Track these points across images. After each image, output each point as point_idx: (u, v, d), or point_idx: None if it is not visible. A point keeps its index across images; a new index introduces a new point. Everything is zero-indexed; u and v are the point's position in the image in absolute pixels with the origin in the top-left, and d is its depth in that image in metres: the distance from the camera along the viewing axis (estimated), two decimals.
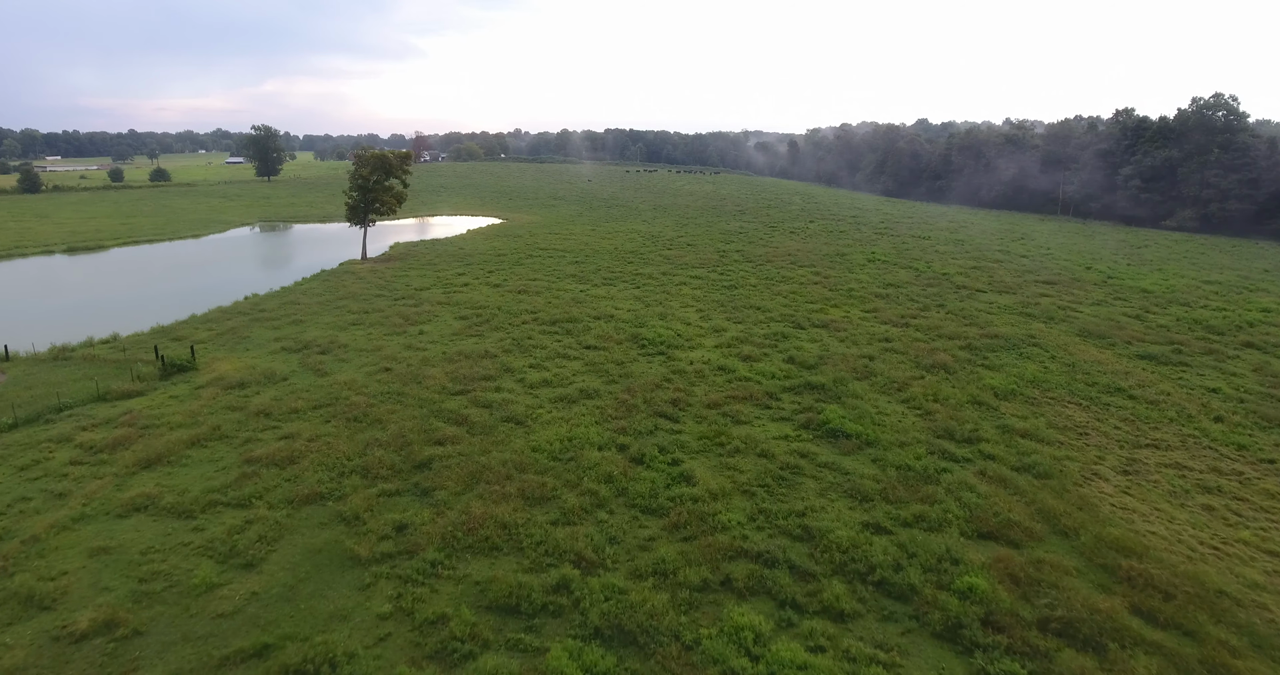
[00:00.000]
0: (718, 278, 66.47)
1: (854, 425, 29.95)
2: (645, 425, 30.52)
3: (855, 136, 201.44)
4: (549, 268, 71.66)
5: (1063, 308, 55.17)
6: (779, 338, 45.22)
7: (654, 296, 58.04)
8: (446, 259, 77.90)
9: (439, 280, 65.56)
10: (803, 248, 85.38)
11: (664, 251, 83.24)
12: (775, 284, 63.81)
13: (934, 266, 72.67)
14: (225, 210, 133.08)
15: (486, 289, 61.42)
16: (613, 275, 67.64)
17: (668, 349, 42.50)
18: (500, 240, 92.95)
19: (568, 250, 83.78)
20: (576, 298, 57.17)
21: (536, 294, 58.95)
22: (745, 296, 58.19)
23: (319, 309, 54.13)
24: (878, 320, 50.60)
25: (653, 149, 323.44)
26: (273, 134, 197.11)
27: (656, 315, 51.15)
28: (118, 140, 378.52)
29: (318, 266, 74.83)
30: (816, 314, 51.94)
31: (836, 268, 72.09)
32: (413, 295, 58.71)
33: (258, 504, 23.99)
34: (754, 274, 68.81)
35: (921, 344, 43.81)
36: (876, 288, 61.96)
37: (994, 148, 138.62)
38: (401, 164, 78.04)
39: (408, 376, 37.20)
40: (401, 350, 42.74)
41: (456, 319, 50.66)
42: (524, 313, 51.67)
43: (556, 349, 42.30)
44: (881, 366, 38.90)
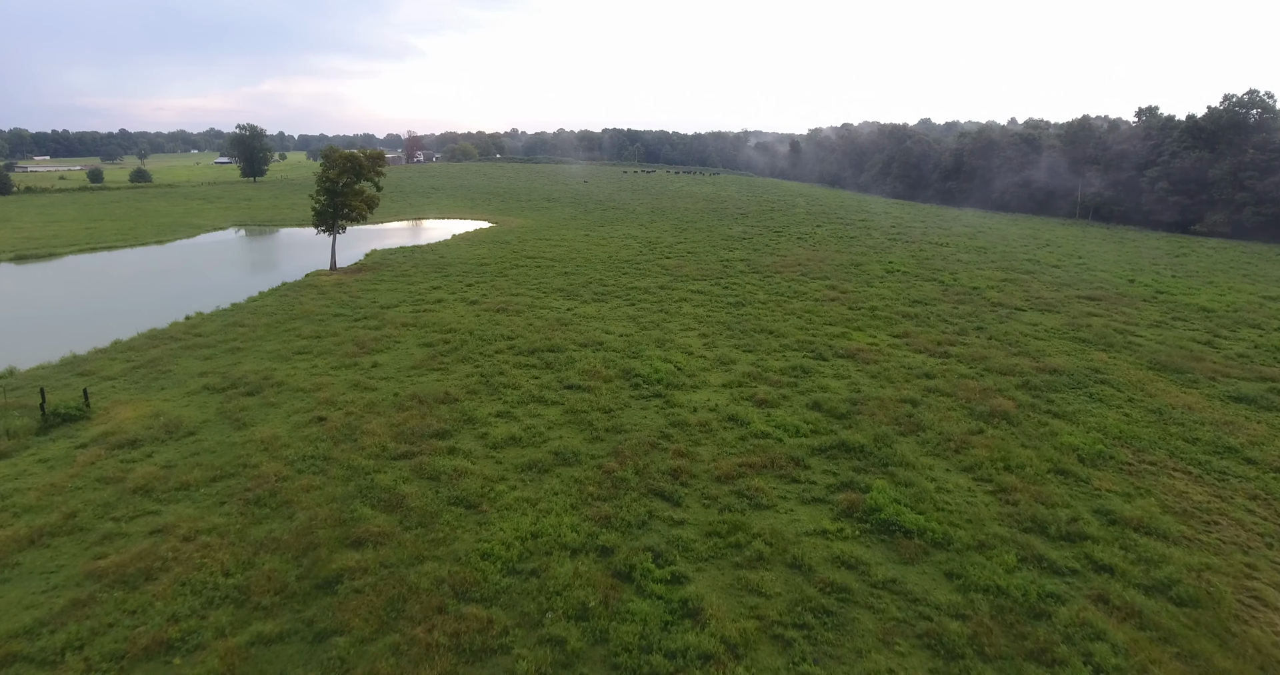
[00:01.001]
0: (722, 292, 58.95)
1: (913, 514, 22.39)
2: (636, 511, 23.00)
3: (860, 136, 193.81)
4: (535, 280, 64.13)
5: (1119, 331, 47.70)
6: (798, 373, 37.68)
7: (650, 316, 50.52)
8: (423, 269, 70.38)
9: (410, 295, 58.01)
10: (813, 256, 77.86)
11: (662, 260, 75.75)
12: (787, 300, 56.28)
13: (960, 279, 65.19)
14: (201, 213, 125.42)
15: (461, 307, 53.87)
16: (605, 289, 60.12)
17: (666, 389, 34.97)
18: (485, 247, 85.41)
19: (557, 259, 76.26)
20: (562, 318, 49.63)
21: (517, 313, 51.42)
22: (754, 316, 50.67)
23: (265, 333, 46.58)
24: (910, 348, 43.08)
25: (651, 149, 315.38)
26: (258, 133, 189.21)
27: (653, 342, 43.63)
28: (108, 140, 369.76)
29: (282, 277, 67.34)
30: (838, 340, 44.42)
31: (853, 280, 64.58)
32: (376, 315, 51.16)
33: (71, 661, 16.47)
34: (762, 288, 61.29)
35: (969, 382, 36.29)
36: (902, 305, 54.43)
37: (1009, 148, 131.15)
38: (374, 165, 70.47)
39: (343, 431, 29.67)
40: (346, 390, 35.21)
41: (420, 346, 43.12)
42: (499, 338, 44.13)
43: (532, 389, 34.74)
44: (929, 416, 31.38)
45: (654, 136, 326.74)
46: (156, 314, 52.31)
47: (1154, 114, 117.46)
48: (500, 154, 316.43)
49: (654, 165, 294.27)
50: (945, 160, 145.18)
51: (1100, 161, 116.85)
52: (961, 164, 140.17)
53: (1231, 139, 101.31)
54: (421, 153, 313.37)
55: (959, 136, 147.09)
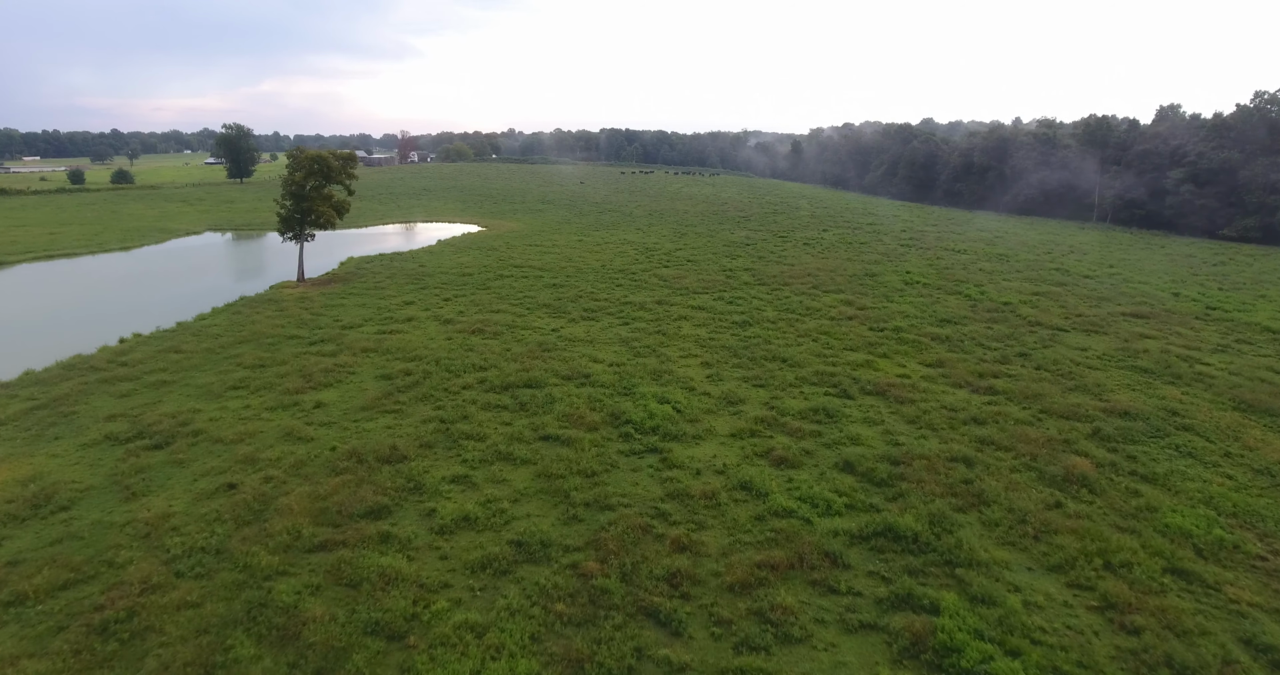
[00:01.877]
0: (726, 309, 52.58)
1: (1005, 662, 15.97)
2: (620, 648, 16.61)
3: (864, 136, 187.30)
4: (519, 294, 57.75)
5: (1182, 357, 41.36)
6: (821, 417, 31.31)
7: (646, 339, 44.15)
8: (400, 280, 64.00)
9: (378, 312, 51.63)
10: (823, 265, 71.49)
11: (660, 269, 69.41)
12: (799, 318, 49.92)
13: (988, 292, 58.82)
14: (178, 216, 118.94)
15: (433, 327, 47.50)
16: (596, 305, 53.74)
17: (663, 440, 28.61)
18: (471, 254, 79.02)
19: (546, 268, 69.89)
20: (546, 341, 43.24)
21: (495, 335, 45.04)
22: (763, 339, 44.30)
23: (201, 361, 40.18)
24: (948, 381, 36.70)
25: (649, 149, 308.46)
26: (245, 133, 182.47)
27: (648, 373, 37.25)
28: (99, 140, 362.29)
29: (244, 289, 60.92)
30: (863, 371, 38.03)
31: (870, 294, 58.21)
32: (335, 338, 44.77)
33: None
34: (770, 303, 54.93)
35: (1028, 430, 29.91)
36: (929, 326, 48.07)
37: (1023, 148, 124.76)
38: (345, 167, 64.04)
39: (253, 506, 23.27)
40: (275, 441, 28.84)
41: (377, 379, 36.73)
42: (470, 369, 37.73)
43: (499, 441, 28.35)
44: (991, 483, 24.98)
45: (652, 136, 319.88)
46: (88, 336, 45.90)
47: (1175, 112, 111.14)
48: (496, 154, 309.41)
49: (652, 166, 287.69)
50: (954, 161, 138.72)
51: (1120, 162, 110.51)
52: (972, 164, 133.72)
53: (1261, 138, 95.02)
54: (416, 153, 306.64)
55: (969, 136, 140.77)
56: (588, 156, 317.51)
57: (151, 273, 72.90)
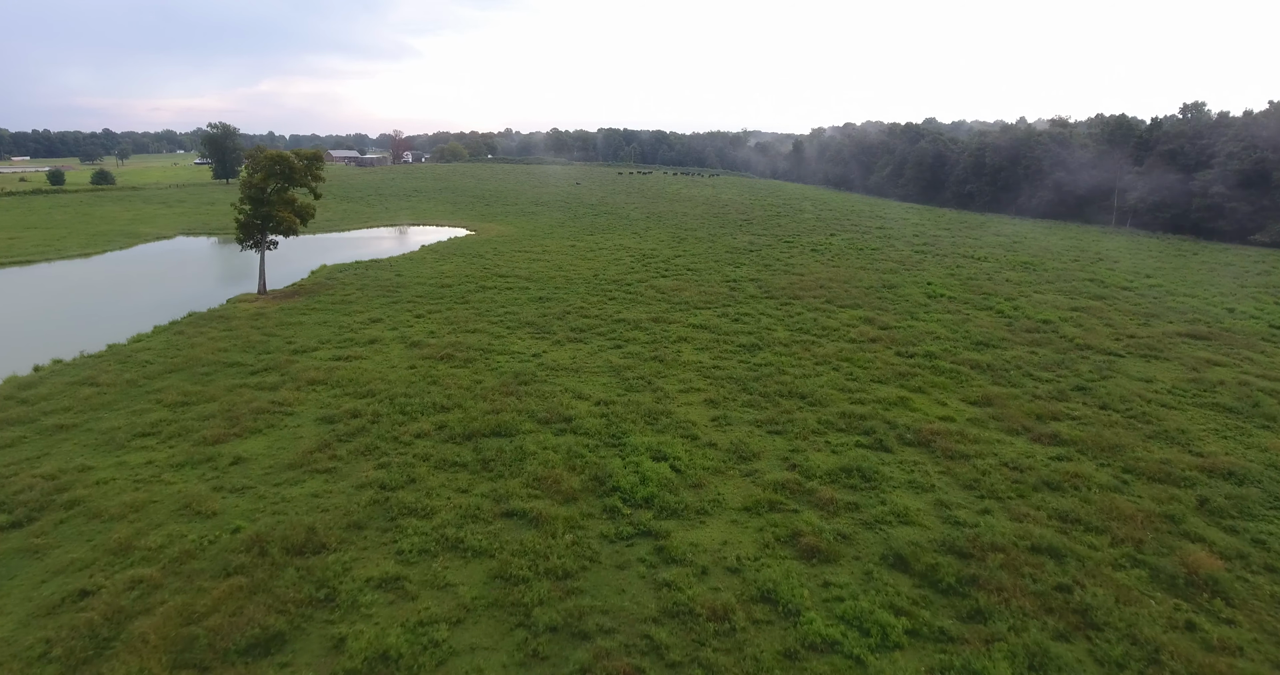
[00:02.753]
0: (731, 328, 46.35)
1: None
2: None
3: (869, 135, 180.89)
4: (501, 309, 51.49)
5: (1267, 391, 35.08)
6: (856, 480, 25.04)
7: (640, 368, 37.88)
8: (371, 292, 57.73)
9: (338, 332, 45.37)
10: (835, 275, 65.23)
11: (657, 279, 63.17)
12: (815, 341, 43.66)
13: (1022, 308, 52.59)
14: (154, 219, 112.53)
15: (397, 351, 41.24)
16: (585, 323, 47.49)
17: (658, 518, 22.34)
18: (454, 261, 72.76)
19: (534, 277, 63.63)
20: (523, 373, 36.96)
21: (465, 363, 38.76)
22: (777, 368, 38.04)
23: (118, 397, 33.88)
24: (1002, 426, 30.41)
25: (647, 149, 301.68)
26: (231, 132, 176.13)
27: (642, 414, 30.98)
28: (91, 140, 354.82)
29: (197, 303, 54.62)
30: (899, 412, 31.77)
31: (891, 309, 51.96)
32: (281, 365, 38.46)
33: None
34: (781, 321, 48.68)
35: (1118, 500, 23.64)
36: (965, 349, 41.82)
37: (1037, 148, 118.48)
38: (310, 168, 57.68)
39: (97, 636, 16.97)
40: (167, 517, 22.58)
41: (317, 422, 30.46)
42: (429, 410, 31.45)
43: (448, 520, 22.05)
44: (1094, 590, 18.66)
45: (650, 137, 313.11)
46: (2, 361, 39.64)
47: (1200, 110, 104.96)
48: (492, 154, 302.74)
49: (650, 166, 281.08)
50: (965, 161, 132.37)
51: (1143, 163, 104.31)
52: (984, 165, 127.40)
53: None
54: (410, 153, 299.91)
55: (979, 135, 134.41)
56: (585, 156, 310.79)
57: (103, 283, 66.53)
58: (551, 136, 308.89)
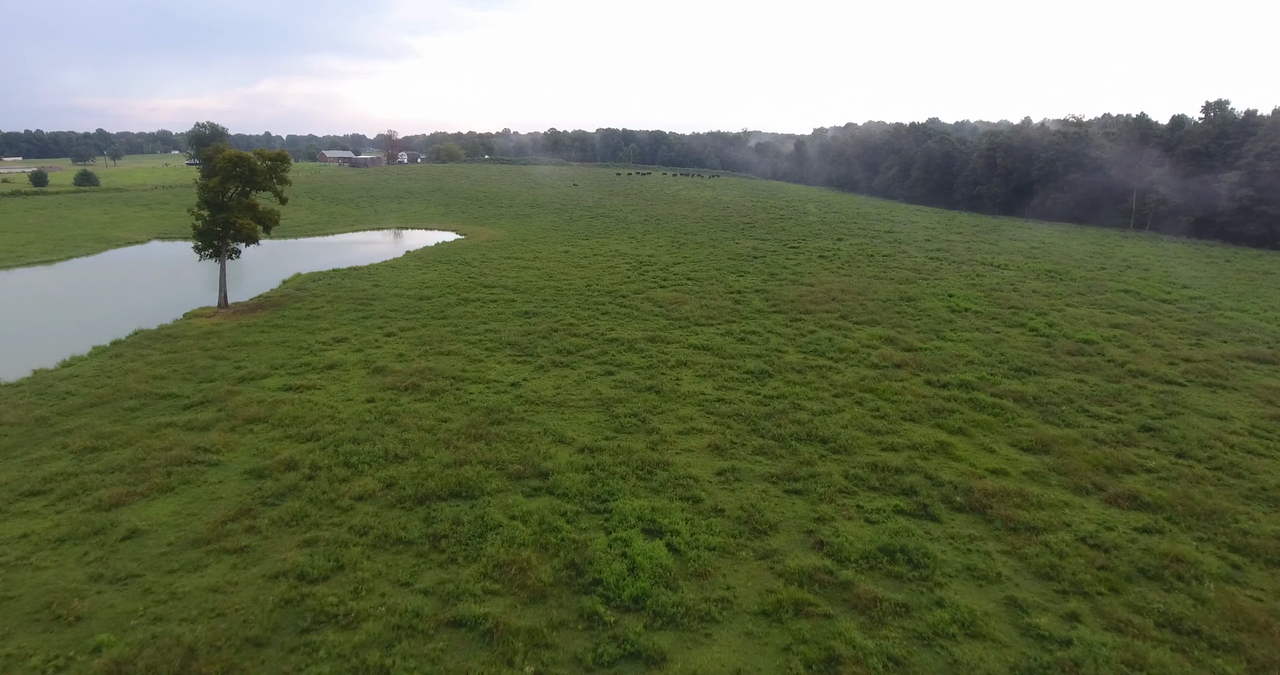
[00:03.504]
0: (737, 349, 41.13)
1: None
2: None
3: (874, 135, 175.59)
4: (481, 326, 46.29)
5: None
6: (902, 566, 19.75)
7: (633, 401, 32.65)
8: (342, 305, 52.55)
9: (296, 355, 40.16)
10: (847, 285, 60.00)
11: (655, 289, 57.97)
12: (832, 365, 38.43)
13: (1057, 324, 47.34)
14: (130, 222, 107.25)
15: (358, 379, 36.03)
16: (573, 343, 42.26)
17: (651, 627, 17.10)
18: (438, 269, 67.57)
19: (521, 288, 58.43)
20: (497, 408, 31.72)
21: (433, 394, 33.54)
22: (791, 401, 32.79)
23: (19, 441, 28.64)
24: (1067, 484, 25.15)
25: (646, 150, 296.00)
26: (219, 132, 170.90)
27: (634, 467, 25.75)
28: (84, 140, 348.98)
29: (152, 318, 49.38)
30: (940, 461, 26.53)
31: (913, 326, 46.73)
32: (221, 398, 33.24)
33: None
34: (792, 340, 43.45)
35: (1239, 597, 18.41)
36: (1005, 377, 36.57)
37: (1050, 148, 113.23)
38: (274, 171, 52.43)
39: None
40: (17, 627, 17.34)
41: (243, 477, 25.22)
42: (379, 461, 26.20)
43: (375, 635, 16.71)
44: None
45: (649, 137, 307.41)
46: None
47: (1224, 109, 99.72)
48: (489, 155, 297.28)
49: (649, 167, 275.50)
50: (975, 162, 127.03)
51: (1164, 164, 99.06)
52: (995, 166, 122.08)
53: None
54: (405, 154, 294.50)
55: (990, 135, 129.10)
56: (583, 157, 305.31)
57: (55, 294, 61.25)
58: (549, 137, 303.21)
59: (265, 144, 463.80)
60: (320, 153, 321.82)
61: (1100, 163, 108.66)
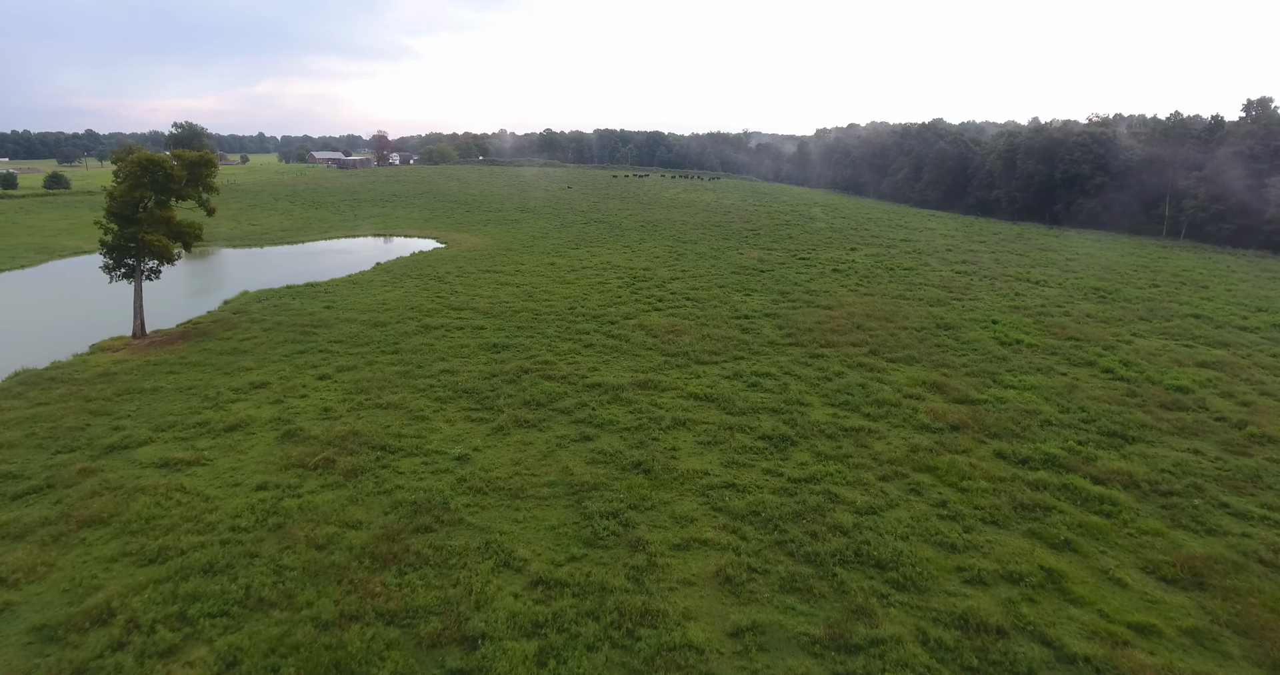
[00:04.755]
0: (748, 400, 32.61)
1: None
2: None
3: (881, 136, 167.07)
4: (438, 364, 37.79)
5: None
6: None
7: (615, 486, 24.14)
8: (280, 334, 44.13)
9: (200, 406, 31.70)
10: (871, 307, 51.51)
11: (649, 313, 49.52)
12: (871, 426, 29.90)
13: (1135, 364, 38.78)
14: (85, 229, 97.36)
15: (262, 447, 27.54)
16: (545, 392, 33.73)
17: None
18: (405, 286, 59.09)
19: (495, 312, 49.97)
20: (429, 501, 23.19)
21: (350, 476, 25.03)
22: (826, 489, 24.27)
23: None
24: (1265, 662, 16.70)
25: (644, 151, 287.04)
26: (198, 132, 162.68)
27: (609, 618, 17.27)
28: (73, 141, 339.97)
29: (46, 352, 40.83)
30: (1052, 609, 18.04)
31: (960, 365, 38.21)
32: (67, 482, 24.73)
33: None
34: (816, 387, 34.94)
35: None
36: (1098, 446, 28.02)
37: (1076, 149, 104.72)
38: (197, 175, 43.91)
39: None
40: None
41: (25, 642, 16.71)
42: (227, 613, 17.67)
43: None
44: None
45: (647, 138, 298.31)
46: None
47: (1268, 107, 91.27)
48: (483, 156, 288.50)
49: (647, 169, 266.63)
50: (992, 165, 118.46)
51: (1204, 167, 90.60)
52: (1014, 168, 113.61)
53: None
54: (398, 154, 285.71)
55: (1009, 135, 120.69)
56: (579, 158, 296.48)
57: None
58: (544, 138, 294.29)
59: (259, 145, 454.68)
60: (309, 154, 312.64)
61: (1130, 165, 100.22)
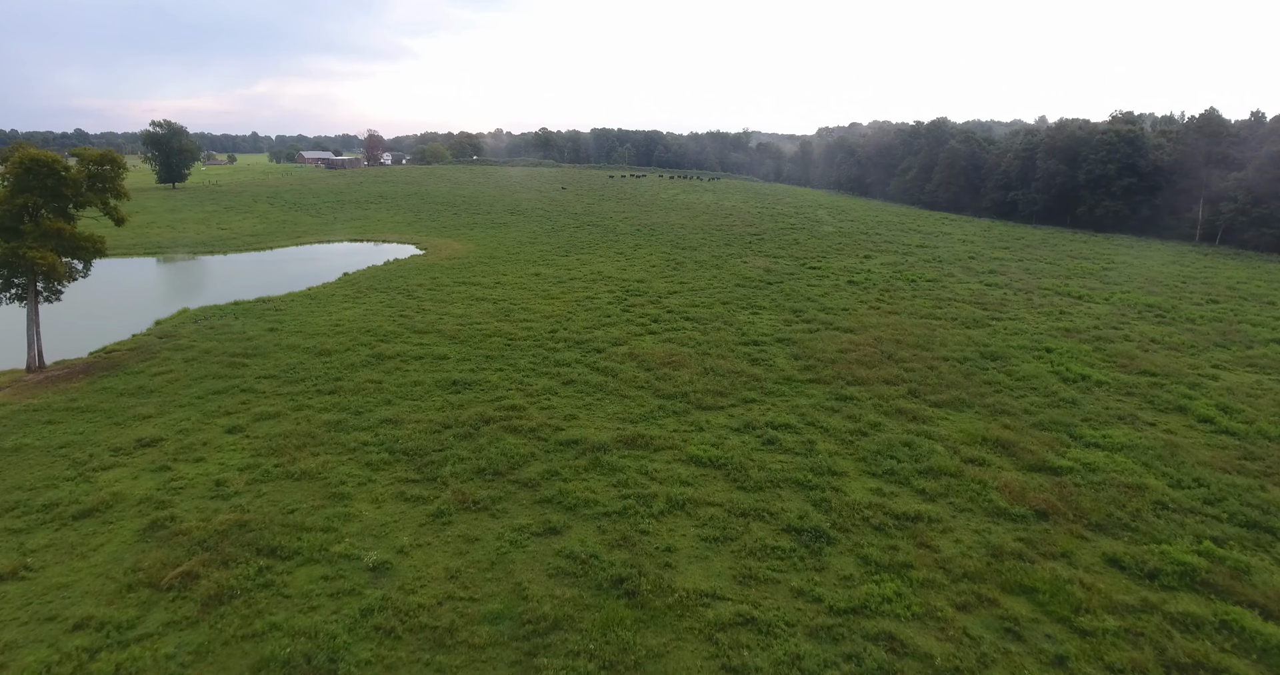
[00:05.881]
0: (765, 468, 25.16)
1: None
2: None
3: (887, 135, 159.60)
4: (380, 410, 30.30)
5: None
6: None
7: (582, 623, 16.70)
8: (205, 365, 36.71)
9: (63, 473, 24.25)
10: (899, 329, 44.10)
11: (642, 336, 42.13)
12: (929, 508, 22.45)
13: (1237, 411, 31.36)
14: None
15: (112, 549, 20.10)
16: (505, 453, 26.28)
17: None
18: (367, 302, 51.68)
19: (462, 337, 42.52)
20: (313, 659, 15.74)
21: (206, 607, 17.57)
22: (880, 625, 16.85)
23: None
24: None
25: (642, 151, 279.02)
26: (178, 131, 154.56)
27: None
28: (59, 140, 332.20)
29: None
30: None
31: (1022, 412, 30.78)
32: None
33: None
34: (849, 445, 27.50)
35: None
36: (1239, 549, 20.64)
37: (1101, 149, 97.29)
38: (100, 178, 36.31)
39: None
40: None
41: None
42: None
43: None
44: None
45: (645, 137, 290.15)
46: None
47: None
48: (478, 155, 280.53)
49: (645, 169, 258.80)
50: (1008, 165, 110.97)
51: (1245, 167, 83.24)
52: (1033, 169, 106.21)
53: None
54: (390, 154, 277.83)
55: (1027, 134, 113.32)
56: (575, 158, 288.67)
57: None
58: (540, 137, 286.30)
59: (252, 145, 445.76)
60: (299, 153, 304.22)
61: (1160, 166, 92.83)
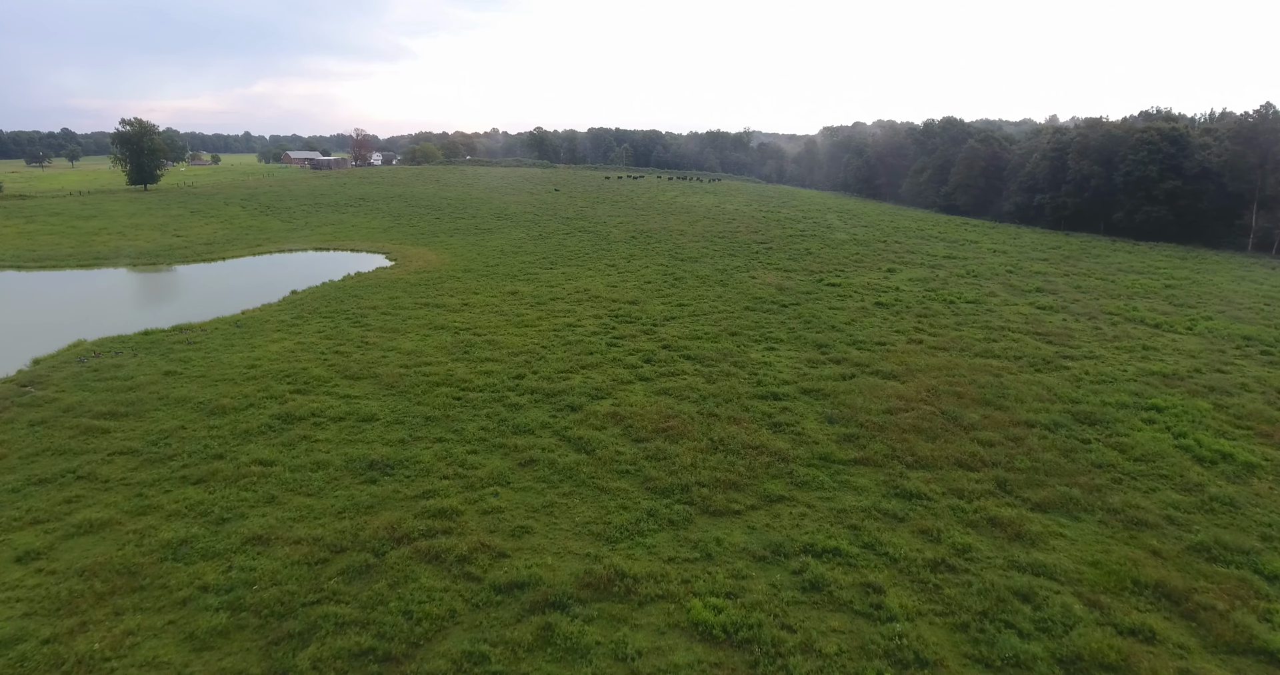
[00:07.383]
0: (814, 650, 15.69)
1: None
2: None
3: (898, 134, 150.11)
4: (245, 524, 20.70)
5: None
6: None
7: None
8: (47, 439, 27.25)
9: None
10: (954, 373, 34.64)
11: (630, 384, 32.63)
12: None
13: None
14: None
15: None
16: (411, 606, 16.79)
17: None
18: (302, 332, 42.31)
19: (403, 386, 33.06)
20: None
21: None
22: None
23: None
24: None
25: (640, 151, 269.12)
26: (148, 130, 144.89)
27: None
28: (47, 140, 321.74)
29: None
30: None
31: (1153, 519, 21.34)
32: None
33: None
34: (929, 599, 17.96)
35: None
36: None
37: (1140, 149, 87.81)
38: None
39: None
40: None
41: None
42: None
43: None
44: None
45: (643, 137, 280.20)
46: None
47: None
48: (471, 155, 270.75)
49: (643, 169, 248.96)
50: (1035, 166, 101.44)
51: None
52: (1063, 170, 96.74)
53: None
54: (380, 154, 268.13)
55: (1055, 132, 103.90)
56: (571, 158, 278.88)
57: None
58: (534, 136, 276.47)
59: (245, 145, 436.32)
60: (285, 154, 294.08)
61: (1208, 168, 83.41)
